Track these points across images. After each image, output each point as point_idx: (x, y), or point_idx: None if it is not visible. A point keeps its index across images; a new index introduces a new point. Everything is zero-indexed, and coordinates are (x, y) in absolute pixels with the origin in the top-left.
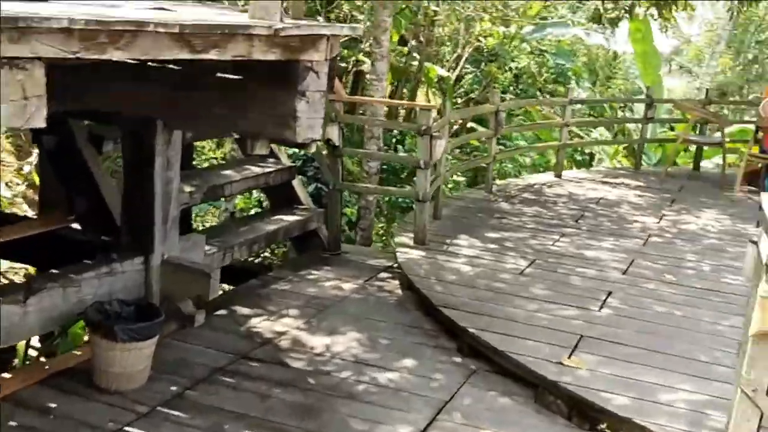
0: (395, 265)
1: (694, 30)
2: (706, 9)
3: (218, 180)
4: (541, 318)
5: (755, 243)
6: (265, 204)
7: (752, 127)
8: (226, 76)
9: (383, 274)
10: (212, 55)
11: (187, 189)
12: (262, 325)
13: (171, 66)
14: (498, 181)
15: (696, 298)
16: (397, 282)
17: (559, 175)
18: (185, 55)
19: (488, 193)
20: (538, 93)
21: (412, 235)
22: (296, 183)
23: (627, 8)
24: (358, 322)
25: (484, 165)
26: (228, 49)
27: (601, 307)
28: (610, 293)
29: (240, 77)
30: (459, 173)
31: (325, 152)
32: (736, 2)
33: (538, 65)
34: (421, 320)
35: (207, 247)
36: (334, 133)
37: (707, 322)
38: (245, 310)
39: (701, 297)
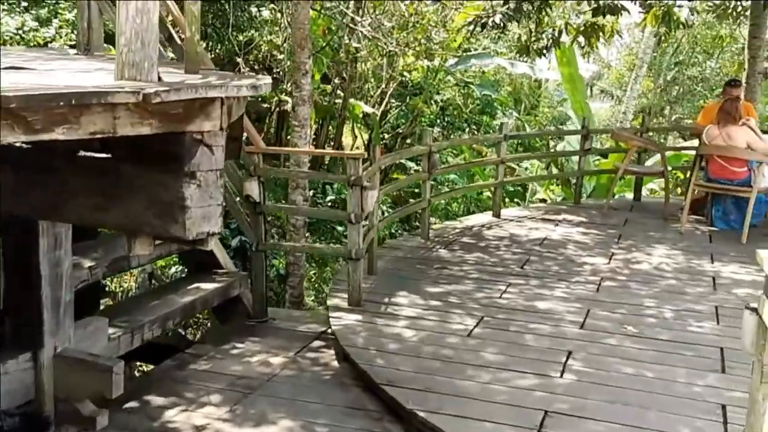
0: (330, 331)
1: (612, 55)
2: (623, 34)
3: (123, 250)
4: (498, 391)
5: (755, 310)
6: None
7: (691, 152)
8: (91, 155)
9: (317, 343)
10: (59, 134)
11: (87, 264)
12: (179, 417)
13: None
14: (435, 226)
15: (664, 353)
16: (332, 352)
17: (497, 215)
18: (20, 137)
19: (425, 240)
20: (464, 124)
21: (346, 296)
22: (214, 243)
23: (554, 37)
24: (290, 405)
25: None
26: (81, 124)
27: (563, 373)
28: (570, 353)
29: (109, 156)
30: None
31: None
32: (663, 28)
33: (463, 97)
34: (363, 399)
35: (111, 330)
36: (253, 189)
37: (682, 384)
38: (159, 400)
39: (670, 352)
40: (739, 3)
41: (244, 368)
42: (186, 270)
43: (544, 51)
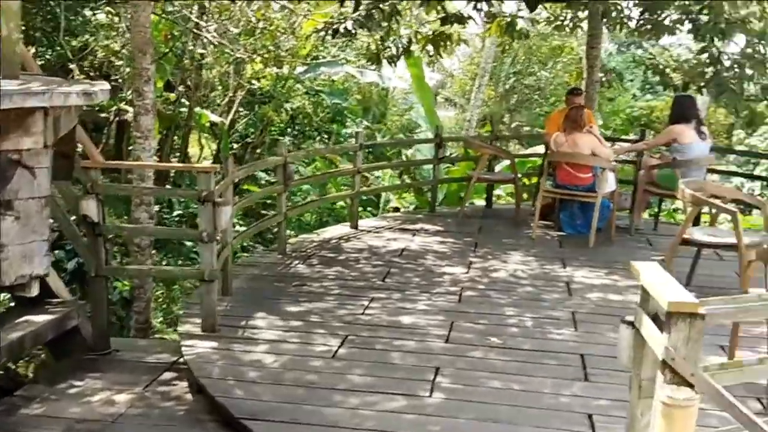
0: (182, 360)
1: (454, 65)
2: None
3: None
4: (367, 417)
5: (631, 323)
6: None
7: (538, 159)
8: None
9: (167, 375)
10: None
11: None
12: None
13: None
14: (291, 239)
15: (529, 363)
16: (185, 384)
17: (355, 226)
18: None
19: (282, 255)
20: (315, 133)
21: (199, 321)
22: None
23: (404, 46)
24: None
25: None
26: None
27: (432, 392)
28: (437, 370)
29: None
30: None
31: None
32: (506, 37)
33: (313, 105)
34: None
35: None
36: (91, 208)
37: (549, 395)
38: None
39: (534, 362)
40: (575, 15)
41: (84, 409)
42: (13, 300)
43: (394, 59)
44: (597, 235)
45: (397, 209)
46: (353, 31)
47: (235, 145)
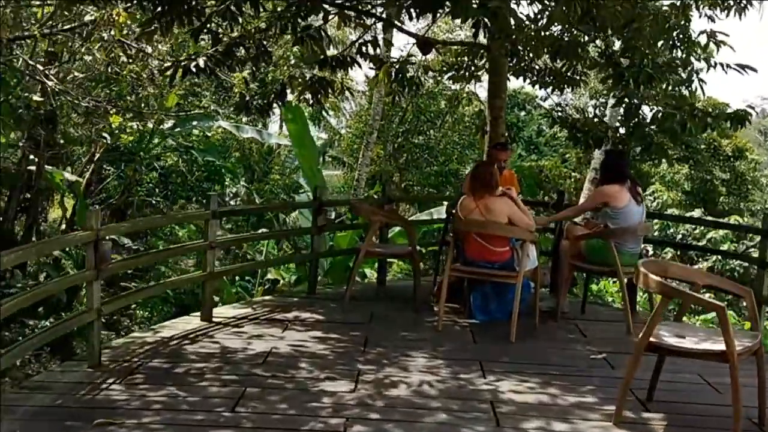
0: None
1: (341, 123)
2: (352, 104)
3: None
4: None
5: None
6: None
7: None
8: None
9: None
10: None
11: None
12: None
13: None
14: (117, 341)
15: None
16: None
17: (208, 318)
18: None
19: (94, 369)
20: (190, 193)
21: None
22: None
23: (276, 91)
24: None
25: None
26: None
27: None
28: None
29: None
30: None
31: None
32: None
33: (187, 163)
34: None
35: None
36: None
37: None
38: None
39: None
40: (472, 62)
41: None
42: None
43: (266, 108)
44: (518, 322)
45: (275, 282)
46: (207, 70)
47: (98, 207)
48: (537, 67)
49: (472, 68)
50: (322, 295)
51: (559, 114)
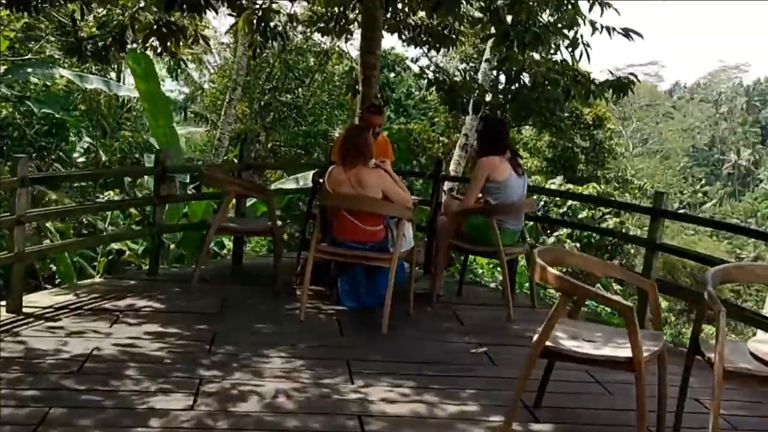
0: None
1: (205, 77)
2: (216, 57)
3: None
4: None
5: None
6: None
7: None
8: None
9: None
10: None
11: None
12: None
13: None
14: None
15: None
16: None
17: (16, 310)
18: None
19: None
20: (29, 149)
21: None
22: None
23: (115, 35)
24: None
25: None
26: None
27: None
28: None
29: None
30: None
31: None
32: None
33: (23, 116)
34: None
35: None
36: None
37: None
38: None
39: None
40: (344, 13)
41: None
42: None
43: (103, 53)
44: (390, 311)
45: (120, 253)
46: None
47: None
48: (412, 23)
49: (344, 21)
50: (165, 277)
51: (436, 75)
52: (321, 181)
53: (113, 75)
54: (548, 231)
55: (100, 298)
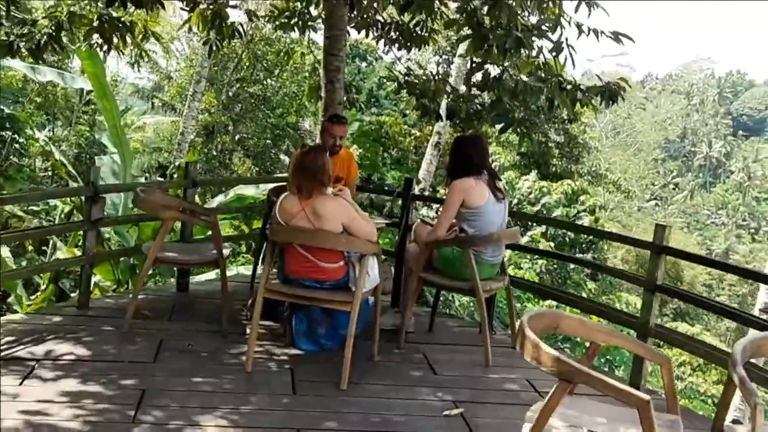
0: None
1: (172, 66)
2: (184, 44)
3: None
4: None
5: None
6: None
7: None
8: None
9: None
10: None
11: None
12: None
13: None
14: None
15: None
16: None
17: None
18: None
19: None
20: None
21: None
22: None
23: (51, 33)
24: None
25: None
26: None
27: None
28: None
29: None
30: None
31: None
32: (213, 36)
33: None
34: None
35: None
36: None
37: None
38: None
39: None
40: (306, 10)
41: None
42: None
43: (38, 51)
44: (352, 357)
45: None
46: None
47: None
48: (381, 20)
49: (306, 16)
50: (97, 311)
51: (407, 78)
52: (274, 199)
53: (77, 64)
54: (522, 228)
55: (15, 342)
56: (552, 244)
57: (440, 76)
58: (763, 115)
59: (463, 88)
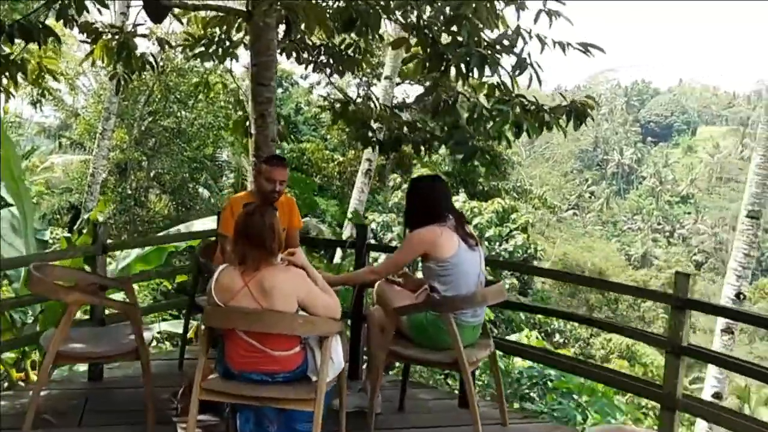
0: None
1: (79, 102)
2: (91, 79)
3: None
4: None
5: None
6: None
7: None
8: None
9: None
10: None
11: None
12: None
13: None
14: None
15: None
16: None
17: None
18: None
19: None
20: None
21: None
22: None
23: None
24: None
25: None
26: None
27: None
28: None
29: None
30: None
31: None
32: (120, 69)
33: None
34: None
35: None
36: None
37: None
38: None
39: None
40: (227, 37)
41: None
42: None
43: None
44: None
45: None
46: None
47: None
48: (311, 43)
49: (227, 43)
50: None
51: (340, 105)
52: (203, 262)
53: None
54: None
55: None
56: (488, 268)
57: (384, 104)
58: (669, 121)
59: (405, 116)
